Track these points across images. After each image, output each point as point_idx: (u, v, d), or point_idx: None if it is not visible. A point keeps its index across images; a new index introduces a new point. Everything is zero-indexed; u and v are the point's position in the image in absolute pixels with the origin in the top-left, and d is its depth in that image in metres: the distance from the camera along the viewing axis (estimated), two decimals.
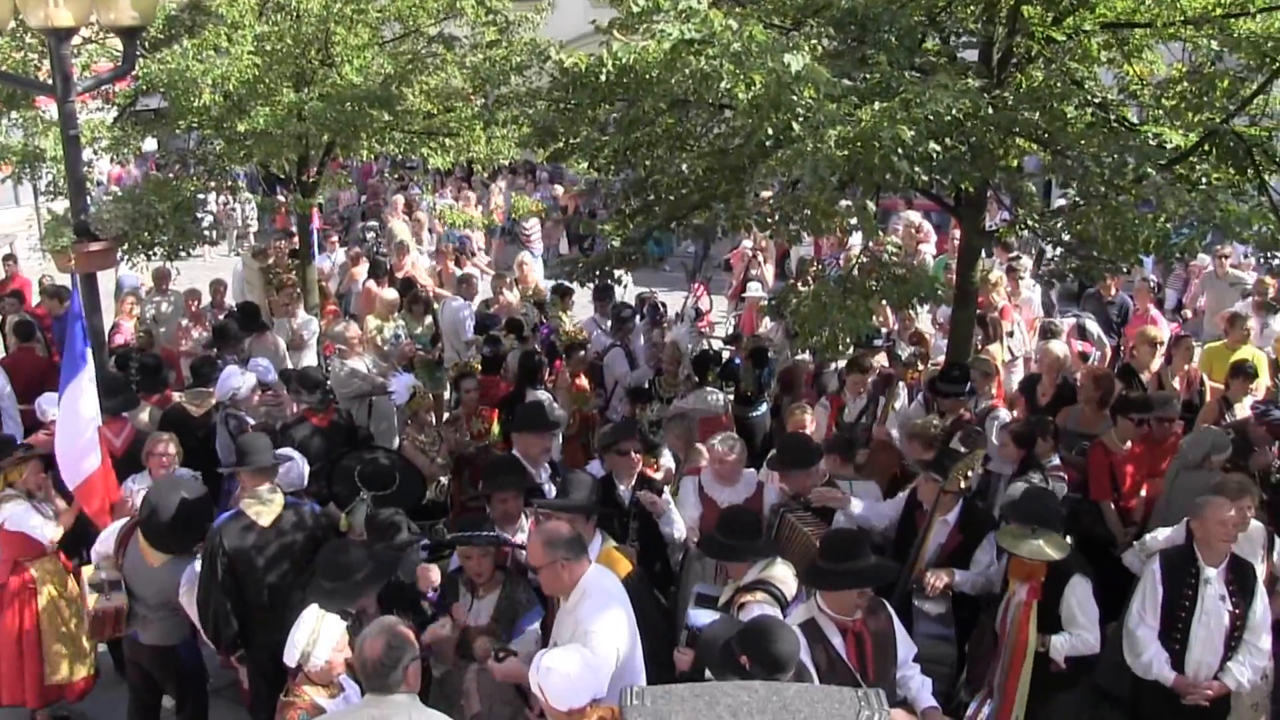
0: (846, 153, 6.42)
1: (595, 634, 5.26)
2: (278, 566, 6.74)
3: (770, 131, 6.60)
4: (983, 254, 9.83)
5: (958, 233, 11.07)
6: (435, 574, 6.59)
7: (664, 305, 13.88)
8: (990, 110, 7.19)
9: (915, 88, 6.63)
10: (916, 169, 7.07)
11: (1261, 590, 6.49)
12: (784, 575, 6.27)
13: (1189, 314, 14.73)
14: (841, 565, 5.73)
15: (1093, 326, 12.13)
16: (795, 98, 6.43)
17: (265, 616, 6.64)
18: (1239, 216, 6.74)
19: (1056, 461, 8.30)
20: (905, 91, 6.64)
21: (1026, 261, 14.12)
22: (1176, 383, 10.59)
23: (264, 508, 6.80)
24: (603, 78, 7.49)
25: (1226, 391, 9.53)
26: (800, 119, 6.44)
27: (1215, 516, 6.38)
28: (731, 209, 8.11)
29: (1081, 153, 7.43)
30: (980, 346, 11.33)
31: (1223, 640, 6.38)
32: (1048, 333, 11.16)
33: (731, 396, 10.71)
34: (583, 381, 10.92)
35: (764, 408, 10.85)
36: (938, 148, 6.60)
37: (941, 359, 10.10)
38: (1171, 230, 6.84)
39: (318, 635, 5.23)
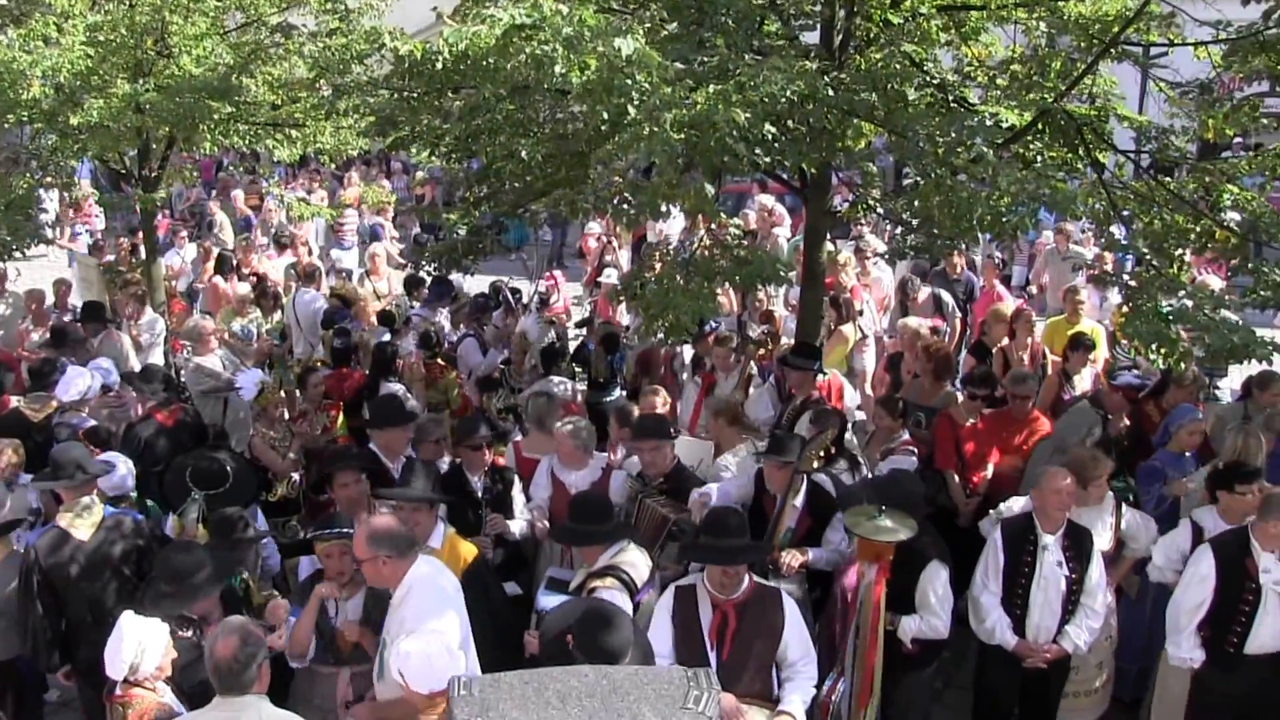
0: (683, 136, 6.43)
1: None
2: (98, 579, 6.50)
3: (606, 116, 6.57)
4: (829, 235, 9.98)
5: None
6: (283, 608, 6.34)
7: (518, 294, 13.79)
8: (829, 92, 7.28)
9: (750, 70, 6.66)
10: (758, 151, 7.14)
11: (1098, 555, 6.70)
12: (635, 560, 6.28)
13: (1034, 290, 15.14)
14: (712, 541, 5.80)
15: (948, 298, 12.38)
16: (630, 82, 6.41)
17: (88, 631, 6.39)
18: (1067, 194, 6.93)
19: (906, 436, 8.46)
20: (740, 74, 6.67)
21: (875, 241, 14.34)
22: (1026, 357, 10.85)
23: (81, 520, 6.56)
24: (439, 65, 7.37)
25: (1065, 364, 9.81)
26: (635, 103, 6.43)
27: (1050, 486, 6.58)
28: (569, 194, 8.08)
29: (918, 133, 7.55)
30: (834, 327, 11.50)
31: (1060, 604, 6.60)
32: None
33: (583, 385, 10.71)
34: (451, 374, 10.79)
35: (617, 393, 10.85)
36: (774, 130, 6.65)
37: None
38: (1006, 207, 6.99)
39: (144, 645, 5.06)
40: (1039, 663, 6.63)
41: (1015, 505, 7.29)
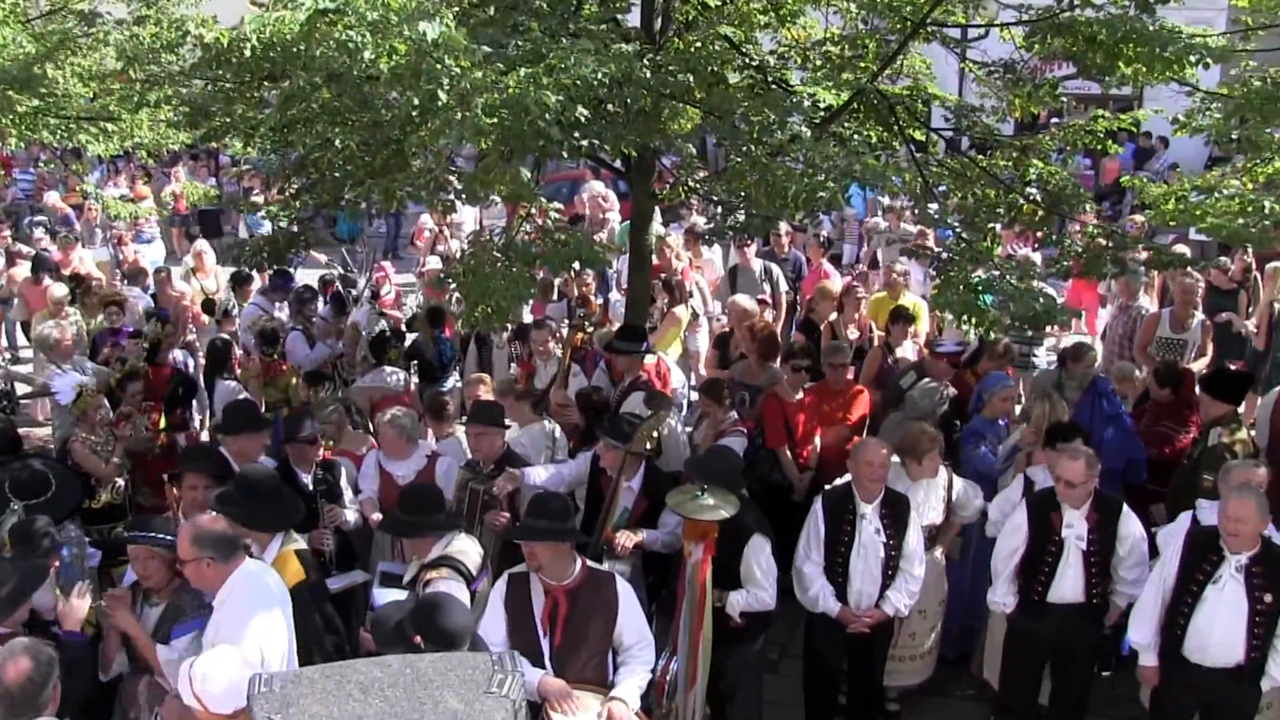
0: (496, 120, 6.39)
1: (243, 636, 5.06)
2: None
3: (417, 102, 6.49)
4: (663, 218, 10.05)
5: None
6: (79, 610, 6.11)
7: (351, 286, 13.57)
8: (645, 74, 7.31)
9: (561, 53, 6.65)
10: (577, 134, 7.14)
11: (915, 522, 6.88)
12: (467, 549, 6.24)
13: (863, 267, 15.46)
14: (533, 521, 5.76)
15: (779, 274, 12.54)
16: (440, 66, 6.35)
17: None
18: (876, 169, 7.11)
19: (735, 417, 8.56)
20: (552, 57, 6.66)
21: (703, 223, 14.43)
22: (853, 332, 11.09)
23: None
24: (248, 53, 7.18)
25: (888, 337, 10.07)
26: (446, 88, 6.36)
27: (863, 458, 6.77)
28: (385, 183, 7.97)
29: (734, 114, 7.65)
30: (665, 309, 11.60)
31: (880, 570, 6.78)
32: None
33: (415, 377, 10.61)
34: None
35: (451, 382, 10.77)
36: (587, 112, 6.64)
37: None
38: (819, 185, 7.11)
39: None
40: (861, 628, 6.82)
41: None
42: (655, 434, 7.10)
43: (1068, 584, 6.64)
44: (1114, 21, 7.71)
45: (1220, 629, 6.06)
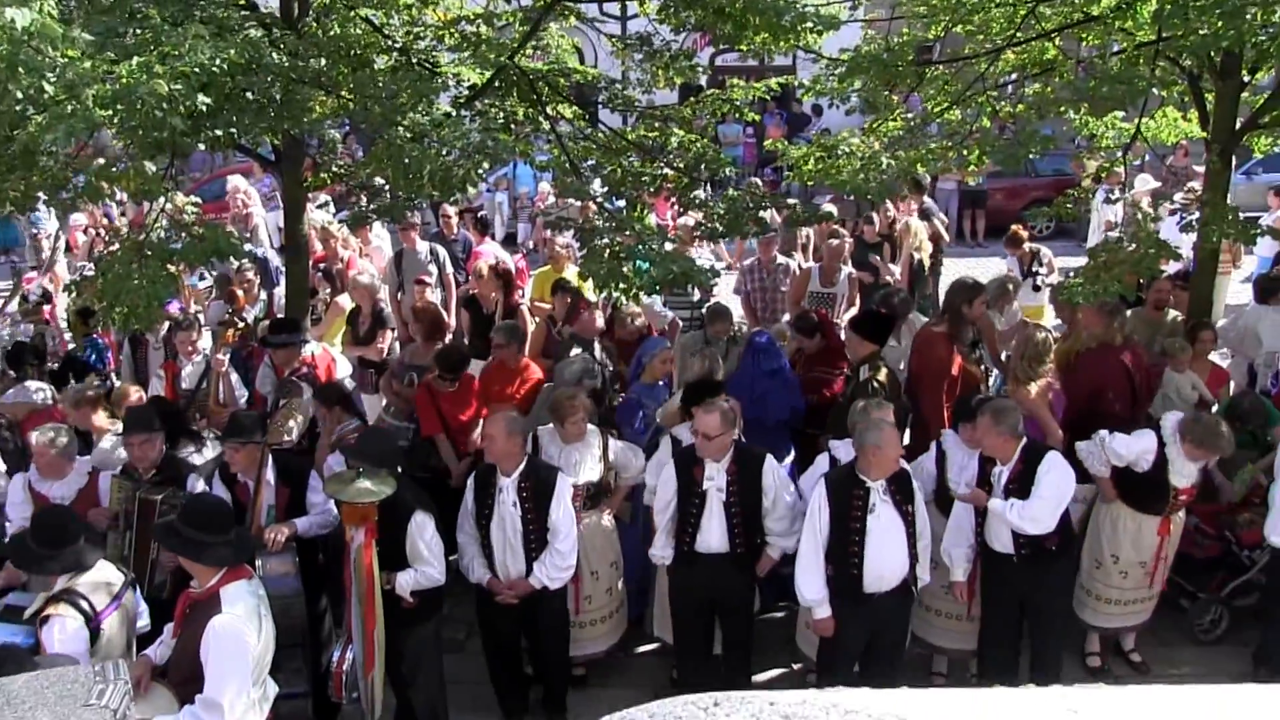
0: (110, 112, 6.09)
1: None
2: None
3: (21, 95, 6.09)
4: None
5: None
6: None
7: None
8: (278, 59, 7.11)
9: (174, 40, 6.38)
10: (208, 124, 6.88)
11: (560, 495, 6.88)
12: (105, 577, 5.79)
13: (531, 244, 15.62)
14: (193, 534, 5.43)
15: (446, 255, 12.45)
16: (43, 58, 5.98)
17: None
18: (508, 146, 7.18)
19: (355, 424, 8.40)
20: (165, 44, 6.38)
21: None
22: (527, 310, 11.15)
23: None
24: None
25: (552, 310, 10.20)
26: (52, 80, 6.01)
27: (487, 431, 6.95)
28: (15, 183, 7.48)
29: (368, 98, 7.55)
30: (331, 299, 11.36)
31: (521, 542, 6.87)
32: None
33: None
34: None
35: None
36: (208, 100, 6.41)
37: None
38: (454, 164, 7.12)
39: None
40: (508, 599, 6.90)
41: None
42: (292, 423, 6.94)
43: (713, 534, 6.91)
44: None
45: (889, 554, 6.51)
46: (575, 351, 8.82)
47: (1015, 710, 1.84)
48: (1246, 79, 8.87)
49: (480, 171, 6.97)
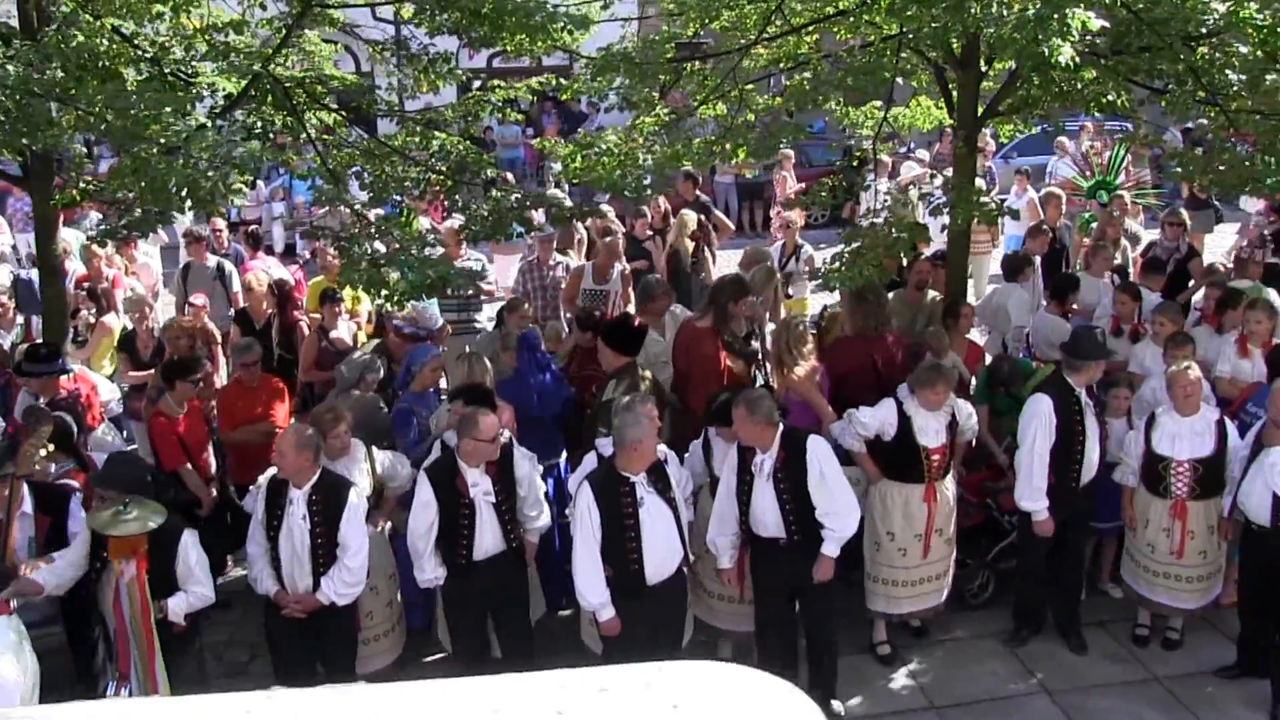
0: None
1: None
2: None
3: None
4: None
5: None
6: None
7: None
8: (13, 71, 6.82)
9: None
10: None
11: (351, 511, 6.76)
12: None
13: (309, 255, 15.34)
14: None
15: (233, 270, 12.12)
16: None
17: None
18: (254, 154, 7.03)
19: None
20: None
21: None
22: (307, 325, 10.88)
23: None
24: None
25: (323, 320, 10.02)
26: None
27: (278, 446, 6.72)
28: None
29: (108, 111, 7.28)
30: (96, 319, 10.94)
31: (308, 556, 6.74)
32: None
33: None
34: None
35: None
36: None
37: None
38: (201, 175, 6.91)
39: None
40: (295, 612, 6.77)
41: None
42: (43, 452, 6.68)
43: (489, 539, 6.91)
44: None
45: (664, 543, 6.64)
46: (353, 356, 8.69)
47: None
48: (986, 69, 9.29)
49: (229, 183, 6.78)
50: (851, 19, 9.02)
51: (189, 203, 7.20)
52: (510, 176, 13.57)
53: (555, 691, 1.68)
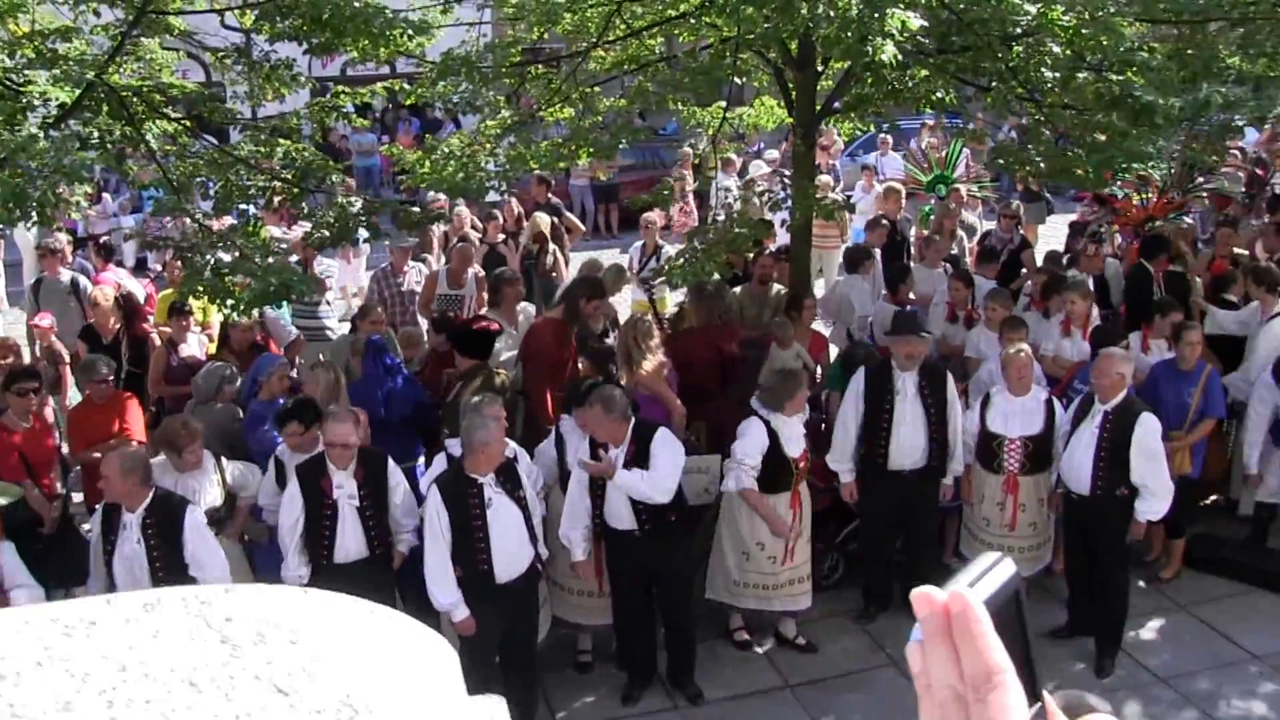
0: None
1: None
2: None
3: None
4: None
5: None
6: None
7: None
8: None
9: None
10: None
11: (190, 529, 6.59)
12: None
13: (160, 268, 15.01)
14: None
15: (87, 284, 11.79)
16: None
17: None
18: (84, 162, 6.95)
19: None
20: None
21: None
22: (157, 338, 10.66)
23: None
24: None
25: (172, 334, 9.85)
26: None
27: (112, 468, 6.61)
28: None
29: None
30: None
31: (149, 580, 6.53)
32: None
33: None
34: None
35: None
36: None
37: None
38: (30, 185, 6.78)
39: None
40: None
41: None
42: None
43: (350, 543, 6.92)
44: (337, 1, 8.00)
45: (512, 543, 6.70)
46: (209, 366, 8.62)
47: None
48: (822, 69, 9.59)
49: (60, 193, 6.67)
50: (692, 21, 9.24)
51: (17, 213, 7.09)
52: (352, 183, 13.57)
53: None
